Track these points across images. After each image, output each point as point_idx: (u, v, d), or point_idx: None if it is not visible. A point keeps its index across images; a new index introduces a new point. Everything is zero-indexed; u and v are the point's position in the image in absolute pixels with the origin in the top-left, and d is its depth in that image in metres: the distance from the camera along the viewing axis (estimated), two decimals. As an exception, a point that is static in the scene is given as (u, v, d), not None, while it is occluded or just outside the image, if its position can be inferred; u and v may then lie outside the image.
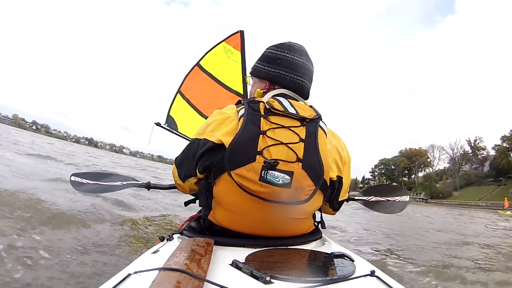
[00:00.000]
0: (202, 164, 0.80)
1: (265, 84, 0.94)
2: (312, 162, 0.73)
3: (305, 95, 0.93)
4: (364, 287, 0.57)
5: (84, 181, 1.21)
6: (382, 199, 1.28)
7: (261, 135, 0.73)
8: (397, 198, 1.30)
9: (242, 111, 0.78)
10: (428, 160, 57.48)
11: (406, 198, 1.29)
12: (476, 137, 52.74)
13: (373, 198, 1.29)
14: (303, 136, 0.75)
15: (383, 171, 61.86)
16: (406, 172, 58.91)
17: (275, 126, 0.75)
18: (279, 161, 0.70)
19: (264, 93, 0.91)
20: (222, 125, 0.79)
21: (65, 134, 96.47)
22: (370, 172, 64.48)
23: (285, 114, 0.77)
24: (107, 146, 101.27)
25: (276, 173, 0.70)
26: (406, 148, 60.43)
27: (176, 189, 1.02)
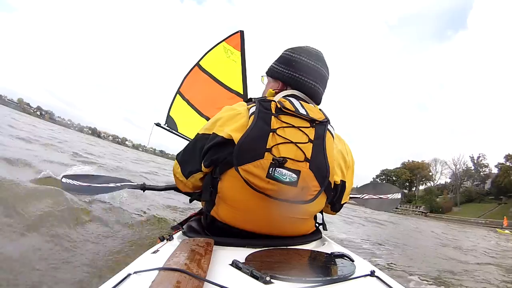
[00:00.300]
0: (209, 158, 0.80)
1: (278, 85, 0.96)
2: (319, 163, 0.74)
3: (317, 100, 0.95)
4: (364, 287, 0.57)
5: (76, 183, 1.20)
6: (375, 196, 1.31)
7: (271, 133, 0.73)
8: (389, 196, 1.38)
9: (253, 109, 0.79)
10: (430, 173, 57.48)
11: (398, 195, 1.36)
12: (479, 154, 52.60)
13: (367, 196, 1.32)
14: (312, 137, 0.76)
15: (384, 181, 61.98)
16: (407, 184, 58.89)
17: (285, 125, 0.76)
18: (288, 159, 0.71)
19: (276, 93, 0.92)
20: (232, 121, 0.80)
21: (68, 122, 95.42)
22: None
23: (296, 114, 0.78)
24: (110, 137, 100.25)
25: (284, 171, 0.71)
26: (408, 160, 60.39)
27: (173, 190, 1.02)
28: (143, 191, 1.29)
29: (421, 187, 58.10)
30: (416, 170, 57.18)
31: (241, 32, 2.31)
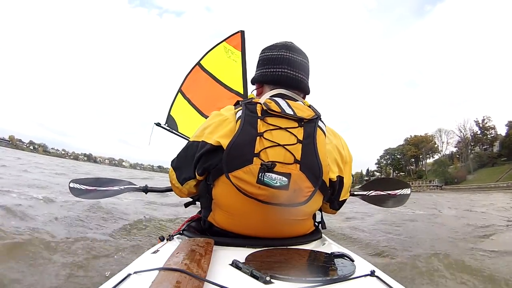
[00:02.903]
0: (201, 166, 0.80)
1: (261, 88, 0.94)
2: (310, 163, 0.72)
3: (305, 90, 0.92)
4: (364, 287, 0.57)
5: (83, 187, 1.23)
6: (382, 193, 1.26)
7: (258, 137, 0.72)
8: (398, 192, 1.28)
9: (239, 113, 0.78)
10: (435, 145, 55.88)
11: (407, 191, 1.27)
12: (484, 116, 50.49)
13: (373, 193, 1.27)
14: (300, 137, 0.74)
15: (389, 161, 60.79)
16: (413, 160, 57.62)
17: (272, 127, 0.74)
18: (276, 163, 0.70)
19: (257, 95, 0.92)
20: (220, 127, 0.79)
21: (63, 152, 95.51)
22: (376, 163, 63.06)
23: (282, 115, 0.76)
24: (106, 160, 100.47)
25: (273, 175, 0.70)
26: (411, 136, 58.60)
27: (173, 192, 1.00)
28: (146, 193, 1.31)
29: (429, 161, 56.61)
30: (421, 144, 55.56)
31: (242, 32, 2.30)
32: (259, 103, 0.79)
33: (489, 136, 50.11)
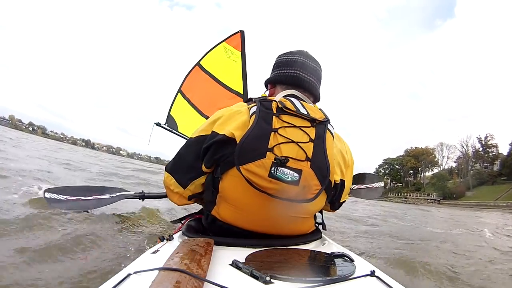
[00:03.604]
0: (211, 157, 0.80)
1: (274, 88, 0.97)
2: (319, 162, 0.74)
3: (315, 95, 0.96)
4: (364, 287, 0.57)
5: (63, 197, 1.06)
6: (362, 186, 1.36)
7: (272, 133, 0.74)
8: (374, 185, 1.45)
9: (254, 108, 0.79)
10: (435, 159, 56.06)
11: (381, 184, 1.43)
12: (487, 134, 50.71)
13: (356, 187, 1.36)
14: (312, 137, 0.77)
15: (387, 171, 61.03)
16: (411, 172, 57.69)
17: (286, 124, 0.76)
18: (289, 159, 0.72)
19: (269, 95, 0.93)
20: (233, 119, 0.80)
21: (61, 136, 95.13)
22: (374, 172, 63.43)
23: (297, 114, 0.79)
24: (104, 147, 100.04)
25: (286, 170, 0.71)
26: (411, 147, 58.83)
27: (170, 199, 0.95)
28: (142, 200, 1.22)
29: (427, 174, 56.63)
30: (421, 157, 55.64)
31: (242, 33, 2.31)
32: (274, 100, 0.81)
33: (490, 154, 50.22)
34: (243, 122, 0.78)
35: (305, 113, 0.79)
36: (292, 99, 0.84)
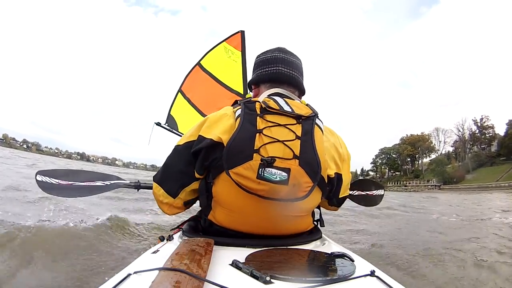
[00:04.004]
0: (202, 163, 0.79)
1: (258, 89, 0.97)
2: (309, 159, 0.73)
3: (300, 88, 0.95)
4: (364, 287, 0.57)
5: (55, 181, 1.01)
6: (362, 193, 1.33)
7: (257, 134, 0.73)
8: (374, 192, 1.43)
9: (239, 111, 0.79)
10: (432, 144, 55.85)
11: (381, 191, 1.40)
12: (482, 115, 50.41)
13: (356, 193, 1.34)
14: (299, 134, 0.76)
15: (384, 160, 60.54)
16: (409, 159, 57.33)
17: (271, 124, 0.76)
18: (276, 158, 0.71)
19: (254, 95, 0.93)
20: (219, 123, 0.80)
21: (56, 151, 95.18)
22: (371, 163, 62.87)
23: (281, 112, 0.78)
24: (99, 159, 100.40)
25: (273, 170, 0.71)
26: (407, 135, 58.60)
27: (162, 210, 0.92)
28: (137, 190, 1.15)
29: (425, 160, 56.45)
30: (417, 144, 55.42)
31: (242, 33, 2.31)
32: (258, 101, 0.80)
33: (487, 135, 49.85)
34: (230, 125, 0.78)
35: (289, 110, 0.79)
36: (276, 97, 0.83)
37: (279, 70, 0.92)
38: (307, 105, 0.86)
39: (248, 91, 1.06)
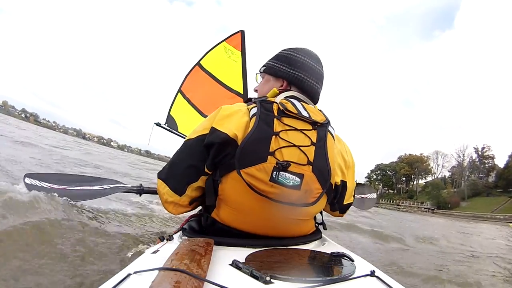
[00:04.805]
0: (213, 159, 0.77)
1: (281, 84, 0.95)
2: (321, 166, 0.74)
3: (315, 99, 0.95)
4: (364, 287, 0.57)
5: (46, 185, 0.91)
6: (357, 196, 1.36)
7: (273, 136, 0.73)
8: (368, 196, 1.46)
9: (254, 110, 0.78)
10: (429, 167, 55.95)
11: (373, 195, 1.43)
12: (484, 145, 50.74)
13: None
14: (314, 140, 0.76)
15: (379, 176, 60.55)
16: (404, 179, 57.42)
17: (288, 128, 0.75)
18: (291, 163, 0.71)
19: (280, 92, 0.91)
20: (232, 118, 0.78)
21: (53, 124, 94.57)
22: (366, 177, 62.23)
23: (298, 116, 0.78)
24: (95, 138, 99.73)
25: (288, 175, 0.71)
26: (405, 154, 58.61)
27: (166, 209, 0.88)
28: (140, 195, 1.06)
29: (420, 182, 56.55)
30: (415, 164, 55.48)
31: (242, 32, 2.31)
32: (275, 102, 0.79)
33: (486, 165, 50.06)
34: (244, 123, 0.77)
35: (307, 115, 0.79)
36: (294, 100, 0.83)
37: (302, 78, 0.91)
38: (319, 111, 0.86)
39: (257, 75, 1.03)
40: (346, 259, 0.68)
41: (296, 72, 0.92)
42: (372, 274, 0.60)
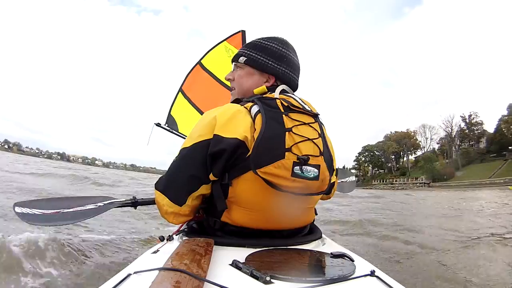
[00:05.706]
0: (223, 164, 0.75)
1: (266, 79, 0.93)
2: (327, 155, 0.80)
3: (295, 90, 0.97)
4: (364, 287, 0.57)
5: (38, 211, 0.86)
6: (338, 181, 1.40)
7: (287, 132, 0.74)
8: (347, 179, 1.53)
9: (255, 108, 0.76)
10: (417, 141, 55.77)
11: (352, 178, 1.51)
12: (471, 112, 50.57)
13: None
14: (319, 132, 0.80)
15: (368, 158, 60.25)
16: (393, 157, 57.21)
17: (297, 123, 0.77)
18: (310, 156, 0.74)
19: (268, 88, 0.88)
20: (235, 120, 0.76)
21: (37, 151, 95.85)
22: (354, 160, 62.35)
23: (303, 111, 0.80)
24: (79, 159, 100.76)
25: (309, 168, 0.74)
26: (392, 132, 58.54)
27: (166, 220, 0.85)
28: (135, 208, 1.02)
29: (410, 157, 56.41)
30: (402, 141, 55.19)
31: (243, 32, 2.30)
32: (277, 98, 0.79)
33: (476, 131, 49.68)
34: (249, 123, 0.76)
35: (308, 109, 0.81)
36: (294, 96, 0.85)
37: (292, 76, 0.93)
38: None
39: (233, 64, 0.99)
40: (346, 259, 0.68)
41: (284, 68, 0.91)
42: (372, 274, 0.60)
